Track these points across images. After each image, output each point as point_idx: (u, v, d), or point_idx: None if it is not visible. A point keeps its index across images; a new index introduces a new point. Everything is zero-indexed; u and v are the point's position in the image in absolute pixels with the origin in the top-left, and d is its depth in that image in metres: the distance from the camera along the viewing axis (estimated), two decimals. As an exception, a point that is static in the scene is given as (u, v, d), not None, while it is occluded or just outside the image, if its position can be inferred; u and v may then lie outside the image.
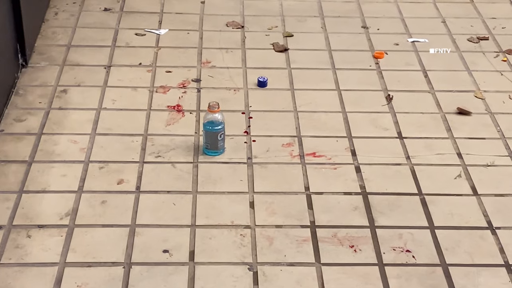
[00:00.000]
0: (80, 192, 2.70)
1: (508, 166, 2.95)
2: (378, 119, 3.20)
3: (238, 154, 2.94)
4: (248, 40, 3.75)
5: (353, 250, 2.51)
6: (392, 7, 4.13)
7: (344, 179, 2.84)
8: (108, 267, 2.39)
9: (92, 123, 3.08)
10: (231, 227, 2.58)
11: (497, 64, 3.63)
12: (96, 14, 3.94)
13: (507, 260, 2.49)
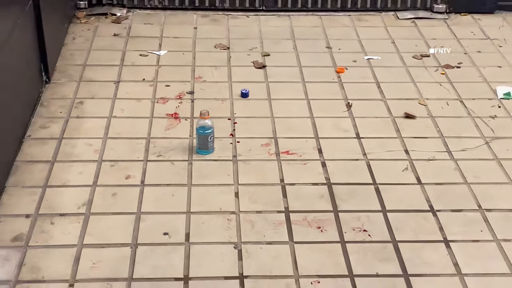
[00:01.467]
0: (94, 186, 2.70)
1: (446, 160, 2.95)
2: (340, 123, 3.20)
3: (225, 153, 2.94)
4: (232, 59, 3.75)
5: (320, 230, 2.52)
6: (351, 31, 4.13)
7: (312, 172, 2.84)
8: (118, 248, 2.39)
9: (104, 129, 3.07)
10: (220, 213, 2.59)
11: (437, 77, 3.63)
12: (107, 39, 3.93)
13: (446, 237, 2.50)
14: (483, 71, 3.70)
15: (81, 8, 4.24)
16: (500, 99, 3.44)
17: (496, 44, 4.02)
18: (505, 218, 2.61)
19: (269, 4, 4.32)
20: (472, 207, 2.67)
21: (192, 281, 2.26)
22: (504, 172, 2.88)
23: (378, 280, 2.31)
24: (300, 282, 2.28)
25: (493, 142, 3.09)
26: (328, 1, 4.33)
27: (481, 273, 2.35)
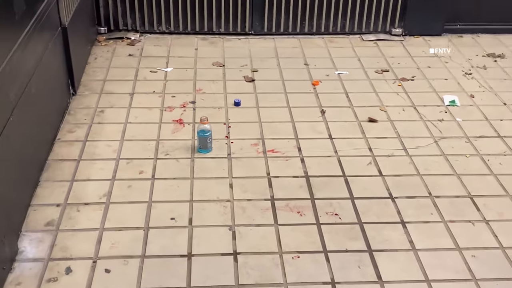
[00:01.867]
0: (113, 180, 2.69)
1: (402, 156, 2.95)
2: (316, 126, 3.19)
3: (221, 152, 2.93)
4: (227, 74, 3.74)
5: (300, 214, 2.52)
6: (324, 51, 4.12)
7: (293, 167, 2.84)
8: (133, 230, 2.39)
9: (121, 133, 3.05)
10: (217, 201, 2.58)
11: (395, 88, 3.63)
12: (123, 58, 3.91)
13: (402, 219, 2.51)
14: (432, 82, 3.70)
15: (102, 33, 4.23)
16: (446, 105, 3.44)
17: (443, 60, 4.02)
18: (450, 203, 2.62)
19: (257, 29, 4.32)
20: (424, 194, 2.67)
21: (194, 257, 2.26)
22: (450, 166, 2.88)
23: (347, 255, 2.31)
24: (283, 257, 2.28)
25: (441, 141, 3.09)
26: (305, 26, 4.32)
27: (431, 248, 2.36)
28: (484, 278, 2.22)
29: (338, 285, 2.16)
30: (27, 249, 2.27)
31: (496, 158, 2.95)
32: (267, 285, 2.15)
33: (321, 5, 4.24)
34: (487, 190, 2.71)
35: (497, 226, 2.48)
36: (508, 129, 3.21)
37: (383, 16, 4.32)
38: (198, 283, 2.15)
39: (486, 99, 3.52)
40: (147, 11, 4.20)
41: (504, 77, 3.81)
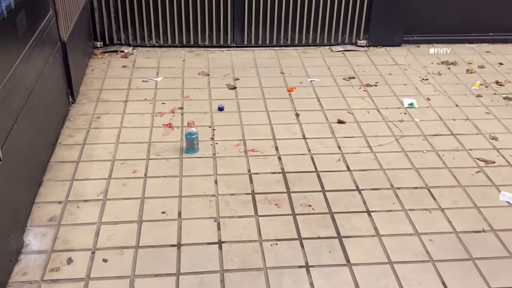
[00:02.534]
0: (109, 179, 2.67)
1: (367, 153, 2.97)
2: (291, 128, 3.19)
3: (207, 152, 2.92)
4: (212, 82, 3.72)
5: (277, 206, 2.52)
6: (298, 61, 4.12)
7: (271, 164, 2.84)
8: (127, 224, 2.38)
9: (116, 136, 3.03)
10: (204, 196, 2.57)
11: (360, 93, 3.65)
12: (117, 70, 3.88)
13: (368, 208, 2.53)
14: (393, 88, 3.73)
15: (98, 47, 4.19)
16: (405, 108, 3.46)
17: (403, 68, 4.05)
18: (410, 194, 2.64)
19: (238, 42, 4.32)
20: (386, 186, 2.69)
21: (183, 247, 2.26)
22: (409, 161, 2.91)
23: (320, 241, 2.32)
24: (263, 245, 2.29)
25: (401, 139, 3.11)
26: (281, 39, 4.33)
27: (393, 233, 2.38)
28: (440, 259, 2.24)
29: (312, 268, 2.18)
30: (32, 242, 2.25)
31: (449, 154, 2.98)
32: (248, 269, 2.16)
33: (295, 20, 4.25)
34: (442, 182, 2.73)
35: (451, 213, 2.51)
36: (460, 127, 3.24)
37: (350, 30, 4.34)
38: (187, 269, 2.14)
39: (440, 101, 3.55)
40: (139, 27, 4.18)
41: (456, 82, 3.85)
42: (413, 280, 2.13)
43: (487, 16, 4.45)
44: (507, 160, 2.92)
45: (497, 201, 2.60)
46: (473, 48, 4.45)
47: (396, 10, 4.25)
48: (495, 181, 2.74)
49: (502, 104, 3.54)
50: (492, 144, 3.07)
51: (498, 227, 2.43)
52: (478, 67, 4.09)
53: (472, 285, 2.12)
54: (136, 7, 4.09)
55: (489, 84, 3.81)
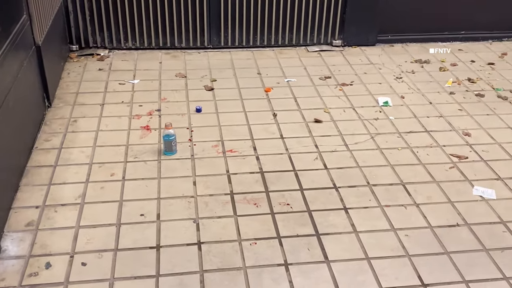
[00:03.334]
0: (87, 183, 2.65)
1: (344, 151, 2.99)
2: (269, 128, 3.20)
3: (185, 153, 2.92)
4: (189, 84, 3.72)
5: (256, 206, 2.53)
6: (274, 61, 4.14)
7: (249, 164, 2.84)
8: (106, 227, 2.36)
9: (93, 140, 3.01)
10: (182, 197, 2.57)
11: (336, 92, 3.67)
12: (94, 73, 3.84)
13: (345, 206, 2.55)
14: (368, 86, 3.76)
15: (74, 50, 4.15)
16: (380, 106, 3.50)
17: (377, 67, 4.09)
18: (385, 190, 2.67)
19: (215, 43, 4.32)
20: (363, 183, 2.72)
21: (162, 249, 2.25)
22: (385, 158, 2.94)
23: (298, 239, 2.33)
24: (242, 244, 2.29)
25: (376, 137, 3.14)
26: (258, 40, 4.34)
27: (370, 230, 2.41)
28: (416, 254, 2.28)
29: (291, 266, 2.19)
30: (9, 248, 2.22)
31: (424, 150, 3.02)
32: (228, 269, 2.16)
33: (271, 21, 4.27)
34: (417, 178, 2.77)
35: (426, 209, 2.55)
36: (434, 124, 3.29)
37: (325, 30, 4.38)
38: (166, 271, 2.14)
39: (414, 99, 3.60)
40: (115, 30, 4.15)
41: (429, 80, 3.91)
42: (390, 275, 2.16)
43: (459, 15, 4.52)
44: (479, 156, 2.98)
45: (470, 195, 2.65)
46: (446, 46, 4.51)
47: (370, 10, 4.30)
48: (468, 176, 2.79)
49: (475, 100, 3.61)
50: (465, 140, 3.13)
51: (472, 221, 2.47)
52: (451, 65, 4.16)
53: (448, 278, 2.16)
54: (112, 9, 4.06)
55: (462, 81, 3.88)
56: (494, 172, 2.83)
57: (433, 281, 2.14)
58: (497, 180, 2.77)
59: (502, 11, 4.57)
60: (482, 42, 4.62)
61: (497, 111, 3.47)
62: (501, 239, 2.37)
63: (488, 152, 3.01)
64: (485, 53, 4.40)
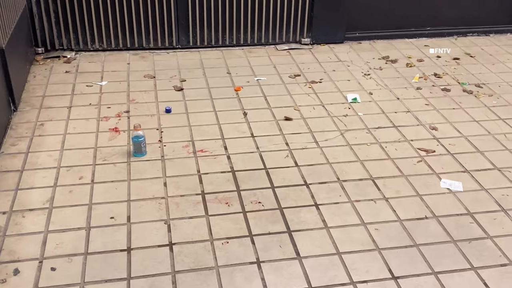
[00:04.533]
0: (55, 187, 2.61)
1: (314, 148, 3.01)
2: (239, 127, 3.21)
3: (155, 154, 2.90)
4: (158, 85, 3.69)
5: (228, 205, 2.53)
6: (244, 60, 4.14)
7: (220, 163, 2.84)
8: (76, 231, 2.33)
9: (61, 143, 2.96)
10: (153, 199, 2.56)
11: (306, 90, 3.70)
12: (60, 75, 3.79)
13: (316, 202, 2.57)
14: (337, 84, 3.80)
15: (39, 53, 4.08)
16: (349, 103, 3.53)
17: (346, 64, 4.13)
18: (355, 186, 2.70)
19: (183, 43, 4.30)
20: (333, 179, 2.74)
21: (133, 251, 2.23)
22: (354, 154, 2.97)
23: (270, 237, 2.34)
24: (214, 244, 2.29)
25: (346, 133, 3.18)
26: (227, 39, 4.34)
27: (341, 225, 2.43)
28: (386, 247, 2.31)
29: (263, 263, 2.20)
30: (-25, 256, 2.17)
31: (392, 145, 3.07)
32: (200, 269, 2.16)
33: (239, 20, 4.28)
34: (386, 172, 2.81)
35: (395, 202, 2.59)
36: (401, 119, 3.35)
37: (293, 28, 4.40)
38: (138, 273, 2.12)
39: (382, 95, 3.66)
40: (81, 31, 4.09)
41: (396, 75, 3.97)
42: (361, 269, 2.19)
43: (424, 11, 4.61)
44: (446, 149, 3.04)
45: (438, 188, 2.70)
46: (412, 43, 4.60)
47: (338, 8, 4.34)
48: (436, 169, 2.85)
49: (441, 95, 3.68)
50: (432, 134, 3.19)
51: (440, 213, 2.52)
52: (417, 60, 4.23)
53: (417, 270, 2.20)
54: (78, 11, 4.00)
55: (428, 76, 3.95)
56: (460, 165, 2.89)
57: (403, 273, 2.18)
58: (464, 172, 2.83)
59: (466, 7, 4.67)
60: (447, 38, 4.71)
61: (463, 105, 3.55)
62: (468, 230, 2.42)
63: (454, 145, 3.08)
64: (451, 48, 4.49)
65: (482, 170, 2.85)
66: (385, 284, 2.12)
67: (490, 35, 4.80)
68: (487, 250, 2.31)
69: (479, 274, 2.18)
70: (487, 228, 2.43)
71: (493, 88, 3.81)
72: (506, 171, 2.85)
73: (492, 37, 4.77)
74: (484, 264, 2.23)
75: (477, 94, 3.69)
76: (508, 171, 2.85)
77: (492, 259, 2.26)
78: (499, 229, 2.43)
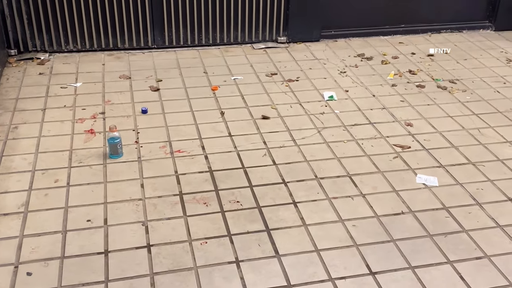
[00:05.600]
0: (30, 190, 2.57)
1: (292, 146, 3.02)
2: (217, 126, 3.20)
3: (131, 156, 2.88)
4: (134, 85, 3.66)
5: (206, 205, 2.52)
6: (220, 59, 4.14)
7: (198, 164, 2.83)
8: (52, 235, 2.30)
9: (35, 146, 2.92)
10: (130, 200, 2.53)
11: (283, 88, 3.71)
12: (34, 77, 3.73)
13: (294, 200, 2.58)
14: (314, 82, 3.82)
15: (12, 55, 4.01)
16: (326, 100, 3.55)
17: (322, 62, 4.15)
18: (333, 183, 2.72)
19: (159, 43, 4.27)
20: (311, 177, 2.75)
21: (111, 253, 2.21)
22: (331, 151, 2.99)
23: (249, 236, 2.34)
24: (192, 244, 2.28)
25: (323, 131, 3.20)
26: (203, 39, 4.33)
27: (319, 222, 2.44)
28: (364, 243, 2.33)
29: (242, 263, 2.20)
30: None
31: (368, 142, 3.10)
32: (179, 270, 2.15)
33: (215, 19, 4.26)
34: (362, 169, 2.84)
35: (372, 198, 2.61)
36: (377, 116, 3.38)
37: (270, 27, 4.41)
38: (116, 276, 2.10)
39: (358, 92, 3.69)
40: (55, 33, 4.03)
41: (372, 73, 4.00)
42: (339, 266, 2.20)
43: (398, 9, 4.66)
44: (421, 145, 3.08)
45: (414, 183, 2.74)
46: (387, 40, 4.64)
47: (313, 7, 4.36)
48: (411, 165, 2.88)
49: (415, 92, 3.73)
50: (407, 130, 3.23)
51: (416, 208, 2.56)
52: (392, 58, 4.28)
53: (394, 265, 2.22)
54: (51, 12, 3.95)
55: (403, 73, 4.00)
56: (435, 160, 2.93)
57: (381, 268, 2.20)
58: (439, 167, 2.88)
59: (440, 4, 4.73)
60: (421, 35, 4.77)
61: (437, 101, 3.60)
62: (444, 224, 2.46)
63: (429, 141, 3.12)
64: (425, 45, 4.55)
65: (457, 165, 2.90)
66: (363, 279, 2.14)
67: (463, 31, 4.87)
68: (462, 243, 2.35)
69: (455, 267, 2.22)
70: (463, 222, 2.47)
71: (467, 83, 3.87)
72: (480, 165, 2.90)
73: (465, 33, 4.85)
74: (460, 258, 2.27)
75: (451, 90, 3.75)
76: (482, 165, 2.90)
77: (467, 253, 2.30)
78: (474, 223, 2.47)
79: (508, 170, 2.87)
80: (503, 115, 3.45)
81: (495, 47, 4.56)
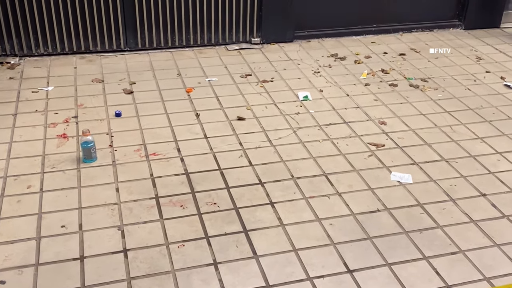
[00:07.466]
0: (2, 197, 2.51)
1: (268, 146, 3.03)
2: (192, 128, 3.19)
3: (106, 159, 2.85)
4: (107, 88, 3.62)
5: (182, 208, 2.51)
6: (194, 61, 4.12)
7: (174, 166, 2.82)
8: (25, 242, 2.26)
9: (7, 152, 2.86)
10: (105, 205, 2.50)
11: (258, 89, 3.71)
12: (4, 82, 3.65)
13: (271, 200, 2.58)
14: (288, 82, 3.84)
15: (-20, 59, 3.94)
16: (301, 100, 3.57)
17: (296, 63, 4.17)
18: (309, 182, 2.73)
19: (132, 45, 4.23)
20: (287, 177, 2.76)
21: (86, 259, 2.18)
22: (307, 151, 3.01)
23: (226, 237, 2.34)
24: (169, 247, 2.27)
25: (298, 131, 3.21)
26: (176, 40, 4.31)
27: (296, 222, 2.45)
28: (341, 241, 2.35)
29: (220, 264, 2.19)
30: None
31: (343, 141, 3.13)
32: (156, 274, 2.13)
33: (188, 20, 4.25)
34: (338, 168, 2.86)
35: (348, 197, 2.64)
36: (352, 115, 3.41)
37: (243, 28, 4.41)
38: (92, 281, 2.08)
39: (332, 92, 3.72)
40: (24, 36, 3.96)
41: (345, 73, 4.04)
42: (317, 264, 2.22)
43: (370, 9, 4.71)
44: (395, 143, 3.12)
45: (388, 181, 2.77)
46: (359, 40, 4.69)
47: (286, 7, 4.38)
48: (386, 162, 2.92)
49: (388, 90, 3.78)
50: (381, 128, 3.27)
51: (391, 206, 2.59)
52: (365, 57, 4.33)
53: (371, 262, 2.24)
54: (20, 15, 3.87)
55: (376, 72, 4.05)
56: (409, 158, 2.98)
57: (358, 266, 2.22)
58: (413, 165, 2.92)
59: (410, 3, 4.81)
60: (393, 34, 4.83)
61: (410, 99, 3.65)
62: (419, 221, 2.50)
63: (403, 138, 3.16)
64: (397, 44, 4.62)
65: (430, 162, 2.95)
66: (341, 277, 2.16)
67: (434, 30, 4.96)
68: (437, 239, 2.39)
69: (431, 263, 2.25)
70: (437, 218, 2.51)
71: (438, 82, 3.94)
72: (453, 161, 2.96)
73: (436, 32, 4.93)
74: (435, 253, 2.30)
75: (423, 88, 3.81)
76: (455, 162, 2.95)
77: (442, 248, 2.34)
78: (448, 219, 2.52)
79: (480, 166, 2.92)
80: (474, 112, 3.52)
81: (465, 45, 4.66)
